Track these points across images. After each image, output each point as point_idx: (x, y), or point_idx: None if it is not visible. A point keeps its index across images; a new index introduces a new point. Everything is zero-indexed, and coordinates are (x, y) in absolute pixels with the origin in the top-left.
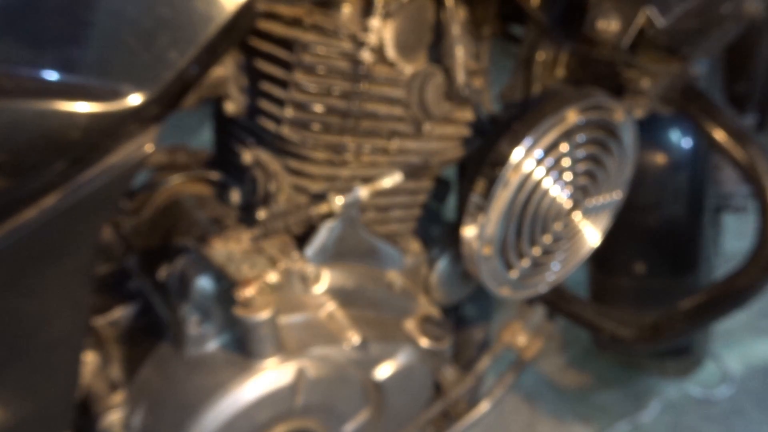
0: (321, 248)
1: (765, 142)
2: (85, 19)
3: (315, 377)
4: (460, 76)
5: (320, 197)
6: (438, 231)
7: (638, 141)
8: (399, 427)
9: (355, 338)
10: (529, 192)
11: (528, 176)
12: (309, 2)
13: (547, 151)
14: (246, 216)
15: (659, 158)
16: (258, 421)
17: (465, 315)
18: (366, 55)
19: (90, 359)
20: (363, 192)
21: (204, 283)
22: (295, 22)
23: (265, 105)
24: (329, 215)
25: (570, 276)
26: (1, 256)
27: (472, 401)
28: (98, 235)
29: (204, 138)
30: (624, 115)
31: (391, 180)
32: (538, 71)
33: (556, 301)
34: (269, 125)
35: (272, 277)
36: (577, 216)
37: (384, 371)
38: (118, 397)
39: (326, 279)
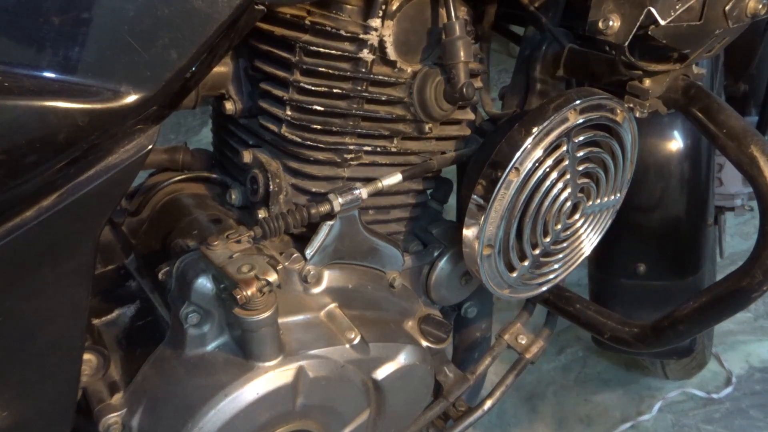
0: (321, 248)
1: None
2: (84, 19)
3: (315, 378)
4: (461, 76)
5: (320, 197)
6: (438, 231)
7: (639, 141)
8: (399, 428)
9: (355, 338)
10: (530, 192)
11: (529, 177)
12: (309, 2)
13: (548, 151)
14: (246, 216)
15: (661, 158)
16: (258, 422)
17: (465, 315)
18: (366, 56)
19: (89, 359)
20: (363, 192)
21: (204, 283)
22: (295, 22)
23: (266, 105)
24: (329, 215)
25: (570, 276)
26: (1, 256)
27: (473, 401)
28: (98, 235)
29: (204, 138)
30: (625, 115)
31: (391, 180)
32: (538, 71)
33: (557, 301)
34: (269, 125)
35: (272, 277)
36: (577, 216)
37: (384, 371)
38: (118, 397)
39: (326, 279)
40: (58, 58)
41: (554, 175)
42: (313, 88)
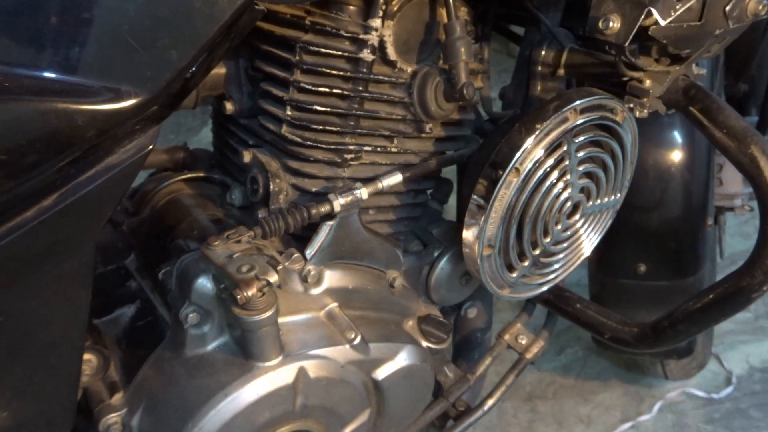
0: (321, 248)
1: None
2: (84, 19)
3: (315, 378)
4: (461, 76)
5: (320, 197)
6: (438, 231)
7: (639, 141)
8: (400, 428)
9: (355, 338)
10: (530, 193)
11: (529, 177)
12: (309, 2)
13: (548, 151)
14: (246, 216)
15: (661, 158)
16: (258, 422)
17: (465, 315)
18: (366, 56)
19: (90, 359)
20: (363, 192)
21: (204, 283)
22: (295, 22)
23: (266, 105)
24: (329, 215)
25: (570, 276)
26: (1, 256)
27: (473, 401)
28: (98, 235)
29: (204, 138)
30: (625, 115)
31: (391, 180)
32: (538, 71)
33: (557, 301)
34: (270, 125)
35: (272, 277)
36: (578, 216)
37: (384, 372)
38: (118, 397)
39: (326, 279)
40: (58, 58)
41: (554, 175)
42: (313, 88)
